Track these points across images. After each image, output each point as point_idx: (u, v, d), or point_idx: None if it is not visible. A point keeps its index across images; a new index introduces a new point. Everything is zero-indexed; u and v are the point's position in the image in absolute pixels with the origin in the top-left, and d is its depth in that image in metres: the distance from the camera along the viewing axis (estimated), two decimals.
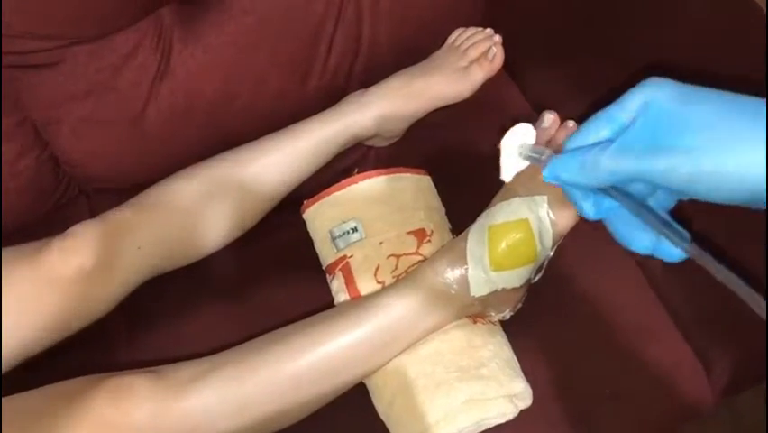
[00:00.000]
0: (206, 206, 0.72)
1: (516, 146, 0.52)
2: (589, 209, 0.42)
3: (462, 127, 0.83)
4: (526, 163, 0.51)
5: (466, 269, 0.67)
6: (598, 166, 0.38)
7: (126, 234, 0.69)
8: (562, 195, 0.64)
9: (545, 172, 0.42)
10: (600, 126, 0.40)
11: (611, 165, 0.37)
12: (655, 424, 0.72)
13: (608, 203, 0.41)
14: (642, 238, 0.40)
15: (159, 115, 0.78)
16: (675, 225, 0.38)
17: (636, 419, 0.71)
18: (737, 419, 0.72)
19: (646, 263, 0.74)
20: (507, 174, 0.54)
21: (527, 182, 0.68)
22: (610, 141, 0.38)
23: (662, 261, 0.39)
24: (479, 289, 0.66)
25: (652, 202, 0.40)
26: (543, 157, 0.48)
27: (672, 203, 0.40)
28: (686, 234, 0.37)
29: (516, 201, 0.67)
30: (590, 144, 0.39)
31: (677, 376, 0.71)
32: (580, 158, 0.39)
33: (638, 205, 0.38)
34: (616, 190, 0.38)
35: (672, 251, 0.38)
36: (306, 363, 0.63)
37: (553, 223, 0.67)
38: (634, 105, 0.38)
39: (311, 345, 0.64)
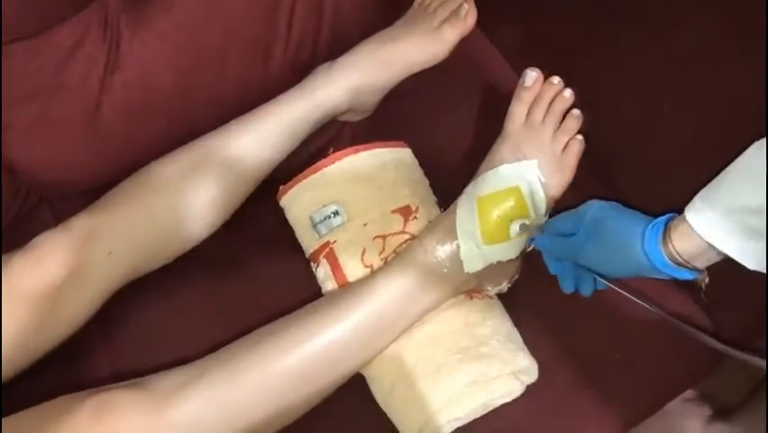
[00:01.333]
0: (184, 195, 0.69)
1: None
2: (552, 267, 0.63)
3: (440, 92, 0.80)
4: None
5: (457, 244, 0.65)
6: (559, 250, 0.62)
7: (94, 239, 0.66)
8: (552, 157, 0.63)
9: (536, 243, 0.64)
10: (565, 224, 0.62)
11: (565, 253, 0.61)
12: (670, 383, 0.71)
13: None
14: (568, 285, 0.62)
15: (114, 111, 0.74)
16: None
17: (650, 379, 0.70)
18: (752, 371, 0.71)
19: None
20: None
21: (514, 147, 0.66)
22: (571, 233, 0.60)
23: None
24: (472, 264, 0.65)
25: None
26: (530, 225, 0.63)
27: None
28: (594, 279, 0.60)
29: (504, 168, 0.65)
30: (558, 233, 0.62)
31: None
32: (550, 244, 0.63)
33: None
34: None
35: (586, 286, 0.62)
36: (298, 359, 0.62)
37: (545, 187, 0.65)
38: (580, 217, 0.60)
39: (302, 340, 0.62)
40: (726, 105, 0.65)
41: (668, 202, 0.56)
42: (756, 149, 0.48)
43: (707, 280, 0.55)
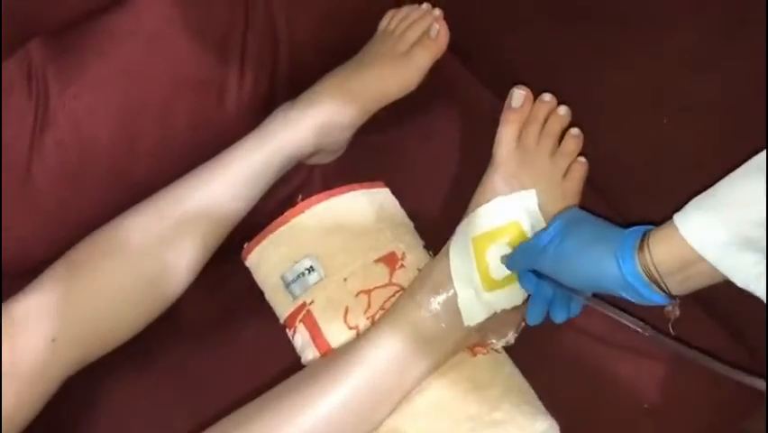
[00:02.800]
0: (141, 263, 0.64)
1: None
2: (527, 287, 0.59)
3: (416, 123, 0.76)
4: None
5: (454, 294, 0.59)
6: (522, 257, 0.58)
7: (33, 324, 0.60)
8: (552, 184, 0.58)
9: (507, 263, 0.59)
10: (539, 238, 0.56)
11: (527, 259, 0.57)
12: (709, 429, 0.64)
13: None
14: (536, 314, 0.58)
15: (47, 174, 0.67)
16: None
17: (685, 429, 0.63)
18: None
19: None
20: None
21: (508, 176, 0.61)
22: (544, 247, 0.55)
23: None
24: (473, 316, 0.59)
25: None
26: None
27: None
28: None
29: (499, 201, 0.60)
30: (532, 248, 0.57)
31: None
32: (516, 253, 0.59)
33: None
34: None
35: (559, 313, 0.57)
36: None
37: (547, 218, 0.60)
38: (552, 228, 0.56)
39: (279, 425, 0.57)
40: (728, 110, 0.62)
41: None
42: (759, 157, 0.43)
43: (677, 312, 0.49)
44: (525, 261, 0.57)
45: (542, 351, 0.65)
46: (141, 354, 0.67)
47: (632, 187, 0.69)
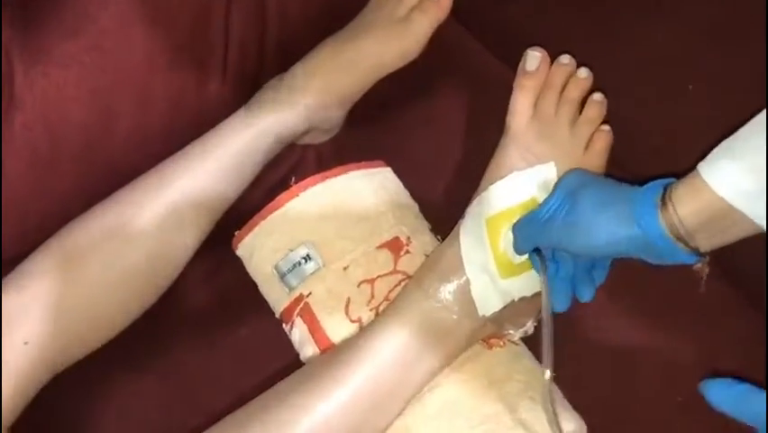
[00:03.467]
0: (120, 262, 0.62)
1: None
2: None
3: (418, 96, 0.73)
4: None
5: (466, 281, 0.55)
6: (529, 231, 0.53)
7: (5, 326, 0.57)
8: (573, 156, 0.58)
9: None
10: (543, 208, 0.52)
11: (535, 232, 0.52)
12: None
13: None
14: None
15: (15, 160, 0.63)
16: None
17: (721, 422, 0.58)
18: None
19: None
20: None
21: (523, 150, 0.57)
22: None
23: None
24: (488, 305, 0.55)
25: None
26: None
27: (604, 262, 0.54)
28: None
29: (514, 177, 0.56)
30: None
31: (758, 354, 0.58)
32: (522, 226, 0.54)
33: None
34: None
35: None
36: None
37: None
38: (557, 195, 0.51)
39: (279, 427, 0.54)
40: (754, 80, 0.59)
41: None
42: None
43: (707, 270, 0.47)
44: (531, 237, 0.52)
45: (563, 342, 0.59)
46: (132, 355, 0.65)
47: (652, 159, 0.64)
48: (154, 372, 0.65)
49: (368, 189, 0.64)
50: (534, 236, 0.52)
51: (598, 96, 0.58)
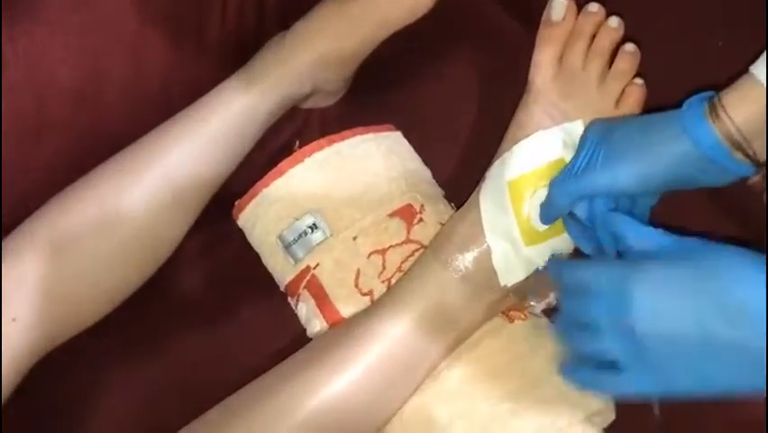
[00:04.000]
0: (113, 237, 0.60)
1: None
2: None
3: (429, 56, 0.70)
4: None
5: (487, 249, 0.53)
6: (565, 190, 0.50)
7: None
8: (603, 112, 0.54)
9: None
10: (578, 159, 0.50)
11: (572, 188, 0.50)
12: None
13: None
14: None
15: (1, 125, 0.60)
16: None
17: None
18: None
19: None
20: None
21: (549, 106, 0.55)
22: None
23: None
24: (511, 274, 0.53)
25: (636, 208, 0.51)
26: None
27: (645, 206, 0.52)
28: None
29: (540, 136, 0.54)
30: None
31: None
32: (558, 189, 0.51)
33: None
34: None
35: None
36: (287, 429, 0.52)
37: None
38: (588, 141, 0.50)
39: (285, 408, 0.52)
40: None
41: None
42: None
43: (765, 182, 0.46)
44: (569, 192, 0.49)
45: None
46: (129, 339, 0.64)
47: None
48: (154, 355, 0.64)
49: (377, 154, 0.62)
50: (574, 189, 0.49)
51: (630, 46, 0.55)
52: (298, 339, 0.59)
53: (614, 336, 0.40)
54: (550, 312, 0.58)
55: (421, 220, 0.59)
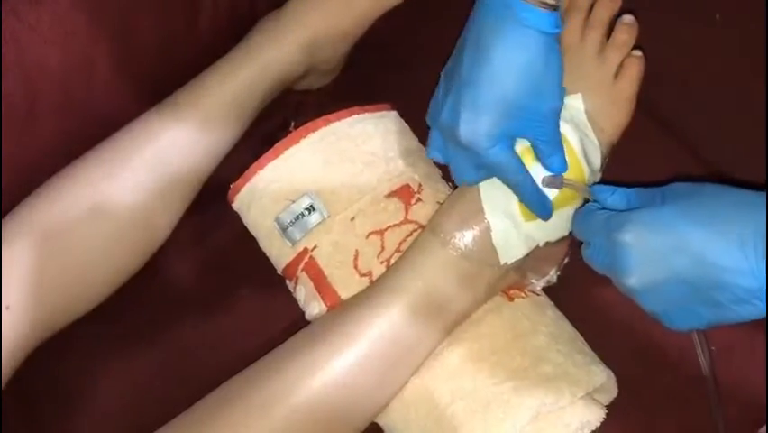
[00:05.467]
0: (102, 220, 0.59)
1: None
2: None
3: (426, 33, 0.69)
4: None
5: (486, 227, 0.52)
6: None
7: None
8: (601, 85, 0.54)
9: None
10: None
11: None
12: None
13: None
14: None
15: None
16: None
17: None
18: None
19: None
20: None
21: None
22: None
23: None
24: (510, 252, 0.53)
25: None
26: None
27: None
28: None
29: None
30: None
31: None
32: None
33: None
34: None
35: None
36: (283, 415, 0.51)
37: (597, 129, 0.53)
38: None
39: (285, 390, 0.51)
40: None
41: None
42: None
43: None
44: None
45: (586, 294, 0.58)
46: (126, 328, 0.64)
47: (682, 102, 0.62)
48: (150, 343, 0.64)
49: (374, 134, 0.61)
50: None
51: (628, 18, 0.55)
52: (296, 324, 0.58)
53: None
54: (549, 289, 0.57)
55: (419, 200, 0.58)
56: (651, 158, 0.58)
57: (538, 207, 0.50)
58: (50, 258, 0.57)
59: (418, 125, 0.64)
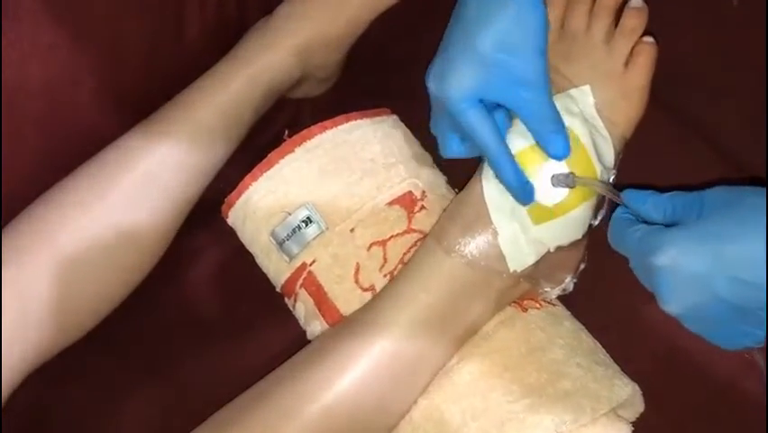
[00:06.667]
0: (96, 242, 0.58)
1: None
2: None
3: (423, 35, 0.64)
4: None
5: (493, 232, 0.50)
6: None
7: None
8: (611, 75, 0.52)
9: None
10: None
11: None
12: None
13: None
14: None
15: None
16: None
17: None
18: None
19: None
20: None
21: (552, 72, 0.51)
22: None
23: None
24: (520, 258, 0.50)
25: None
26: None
27: None
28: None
29: None
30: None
31: None
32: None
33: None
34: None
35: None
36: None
37: (608, 123, 0.51)
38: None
39: (285, 414, 0.50)
40: None
41: None
42: None
43: None
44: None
45: (605, 302, 0.56)
46: (115, 348, 0.63)
47: (696, 91, 0.59)
48: (144, 364, 0.63)
49: (373, 140, 0.59)
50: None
51: (636, 2, 0.53)
52: (298, 341, 0.56)
53: None
54: (564, 298, 0.55)
55: (423, 208, 0.56)
56: (667, 152, 0.56)
57: (516, 185, 0.48)
58: (35, 283, 0.55)
59: (420, 129, 0.63)
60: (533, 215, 0.49)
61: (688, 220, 0.40)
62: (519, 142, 0.49)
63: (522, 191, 0.48)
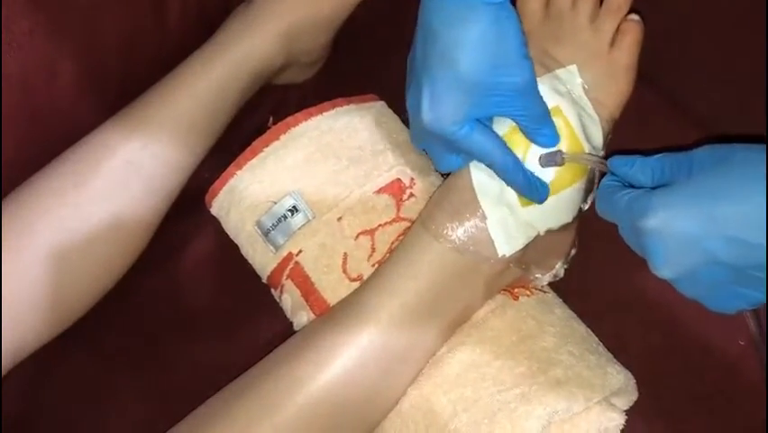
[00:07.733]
0: (72, 237, 0.57)
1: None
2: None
3: (412, 19, 0.62)
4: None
5: (481, 216, 0.50)
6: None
7: None
8: (597, 55, 0.51)
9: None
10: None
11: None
12: None
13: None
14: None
15: None
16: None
17: None
18: None
19: None
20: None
21: (539, 53, 0.51)
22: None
23: None
24: (508, 242, 0.50)
25: None
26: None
27: None
28: None
29: None
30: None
31: None
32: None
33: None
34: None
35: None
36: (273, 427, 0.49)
37: (596, 103, 0.51)
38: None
39: (272, 404, 0.49)
40: None
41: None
42: None
43: None
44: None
45: (598, 289, 0.56)
46: (103, 342, 0.63)
47: (687, 72, 0.60)
48: (129, 358, 0.62)
49: (360, 126, 0.58)
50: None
51: None
52: (285, 333, 0.55)
53: None
54: (554, 284, 0.54)
55: (412, 195, 0.56)
56: (657, 132, 0.55)
57: (529, 189, 0.47)
58: (14, 275, 0.55)
59: (406, 116, 0.63)
60: (522, 197, 0.49)
61: (677, 181, 0.39)
62: (505, 124, 0.49)
63: (537, 193, 0.48)
